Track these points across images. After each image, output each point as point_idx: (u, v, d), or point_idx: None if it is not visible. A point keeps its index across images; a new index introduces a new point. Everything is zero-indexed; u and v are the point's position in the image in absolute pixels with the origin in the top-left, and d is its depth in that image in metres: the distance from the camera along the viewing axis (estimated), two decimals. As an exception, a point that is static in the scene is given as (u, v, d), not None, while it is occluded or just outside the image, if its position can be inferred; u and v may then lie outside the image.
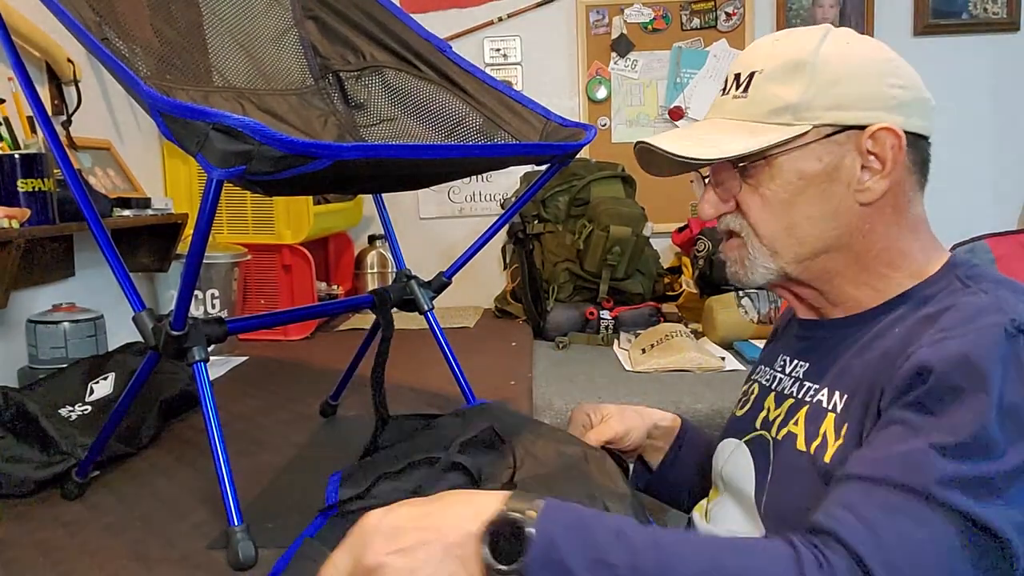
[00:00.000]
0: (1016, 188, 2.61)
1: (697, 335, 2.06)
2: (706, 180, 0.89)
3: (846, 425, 0.78)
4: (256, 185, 0.89)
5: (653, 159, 0.89)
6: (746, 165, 0.84)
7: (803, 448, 0.82)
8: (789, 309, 0.99)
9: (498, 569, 0.61)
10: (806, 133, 0.81)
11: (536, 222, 2.30)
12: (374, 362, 1.04)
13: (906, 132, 0.81)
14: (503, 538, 0.62)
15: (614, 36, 2.66)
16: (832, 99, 0.81)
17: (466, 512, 0.64)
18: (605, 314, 2.18)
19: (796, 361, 0.91)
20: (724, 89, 0.88)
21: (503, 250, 2.48)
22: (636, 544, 0.62)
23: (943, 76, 2.60)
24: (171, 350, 0.86)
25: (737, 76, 0.86)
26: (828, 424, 0.81)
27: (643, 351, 1.89)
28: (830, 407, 0.82)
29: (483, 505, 0.64)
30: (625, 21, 2.66)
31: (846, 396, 0.80)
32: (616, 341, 2.10)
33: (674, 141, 0.85)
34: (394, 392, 1.41)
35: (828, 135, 0.81)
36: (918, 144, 0.84)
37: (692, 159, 0.83)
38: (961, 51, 2.60)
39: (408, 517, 0.64)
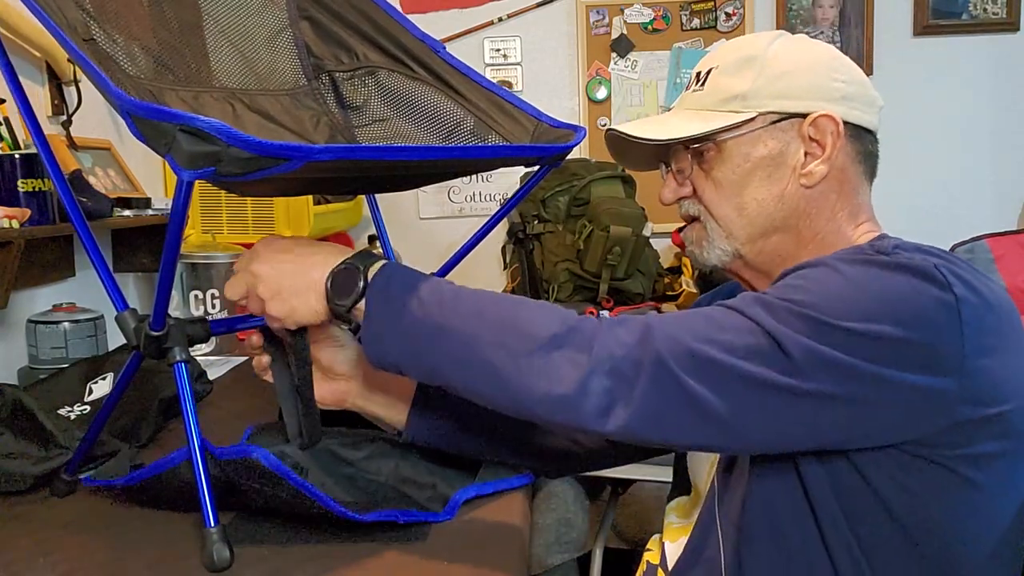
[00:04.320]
0: (1016, 188, 2.61)
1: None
2: (668, 169, 0.96)
3: None
4: (232, 186, 0.89)
5: (621, 148, 0.96)
6: (700, 151, 0.90)
7: None
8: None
9: (336, 303, 0.83)
10: (753, 119, 0.88)
11: (536, 222, 2.31)
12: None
13: (848, 123, 0.87)
14: (341, 279, 0.83)
15: (614, 36, 2.66)
16: (778, 89, 0.87)
17: (326, 260, 0.84)
18: (605, 314, 2.18)
19: None
20: (688, 87, 0.95)
21: (503, 250, 2.49)
22: (444, 288, 0.83)
23: (943, 76, 2.60)
24: (152, 350, 0.86)
25: (698, 74, 0.93)
26: None
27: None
28: None
29: (334, 259, 0.84)
30: (625, 21, 2.66)
31: None
32: (615, 341, 2.10)
33: (634, 127, 0.92)
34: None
35: (773, 122, 0.88)
36: (861, 136, 0.89)
37: (647, 140, 0.90)
38: (961, 51, 2.60)
39: (289, 246, 0.86)
